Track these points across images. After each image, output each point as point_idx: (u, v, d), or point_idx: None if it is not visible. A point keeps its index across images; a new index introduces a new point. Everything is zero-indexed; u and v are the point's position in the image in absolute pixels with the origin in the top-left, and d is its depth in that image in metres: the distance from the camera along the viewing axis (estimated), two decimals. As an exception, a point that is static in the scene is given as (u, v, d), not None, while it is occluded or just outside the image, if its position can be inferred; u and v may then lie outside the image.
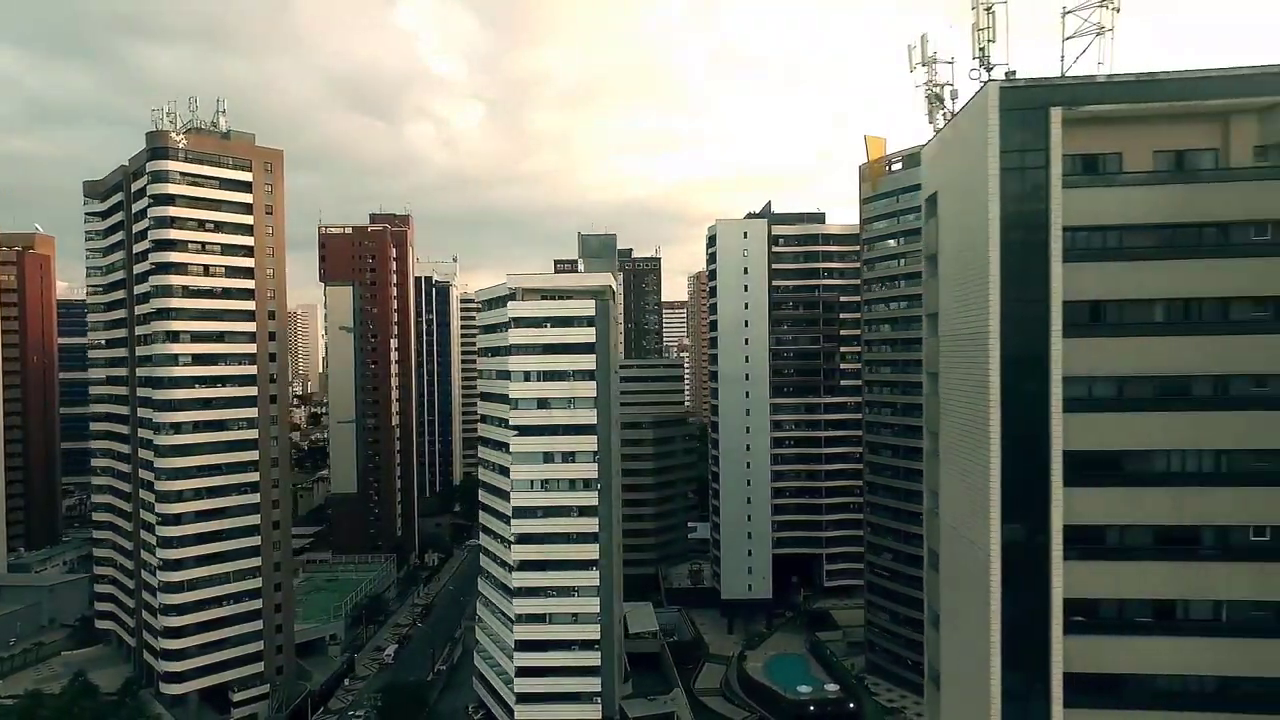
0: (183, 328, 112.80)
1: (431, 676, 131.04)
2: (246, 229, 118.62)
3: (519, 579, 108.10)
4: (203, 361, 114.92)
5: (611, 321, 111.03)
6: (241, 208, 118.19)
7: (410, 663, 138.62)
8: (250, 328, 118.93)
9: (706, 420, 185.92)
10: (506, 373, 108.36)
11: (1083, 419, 40.06)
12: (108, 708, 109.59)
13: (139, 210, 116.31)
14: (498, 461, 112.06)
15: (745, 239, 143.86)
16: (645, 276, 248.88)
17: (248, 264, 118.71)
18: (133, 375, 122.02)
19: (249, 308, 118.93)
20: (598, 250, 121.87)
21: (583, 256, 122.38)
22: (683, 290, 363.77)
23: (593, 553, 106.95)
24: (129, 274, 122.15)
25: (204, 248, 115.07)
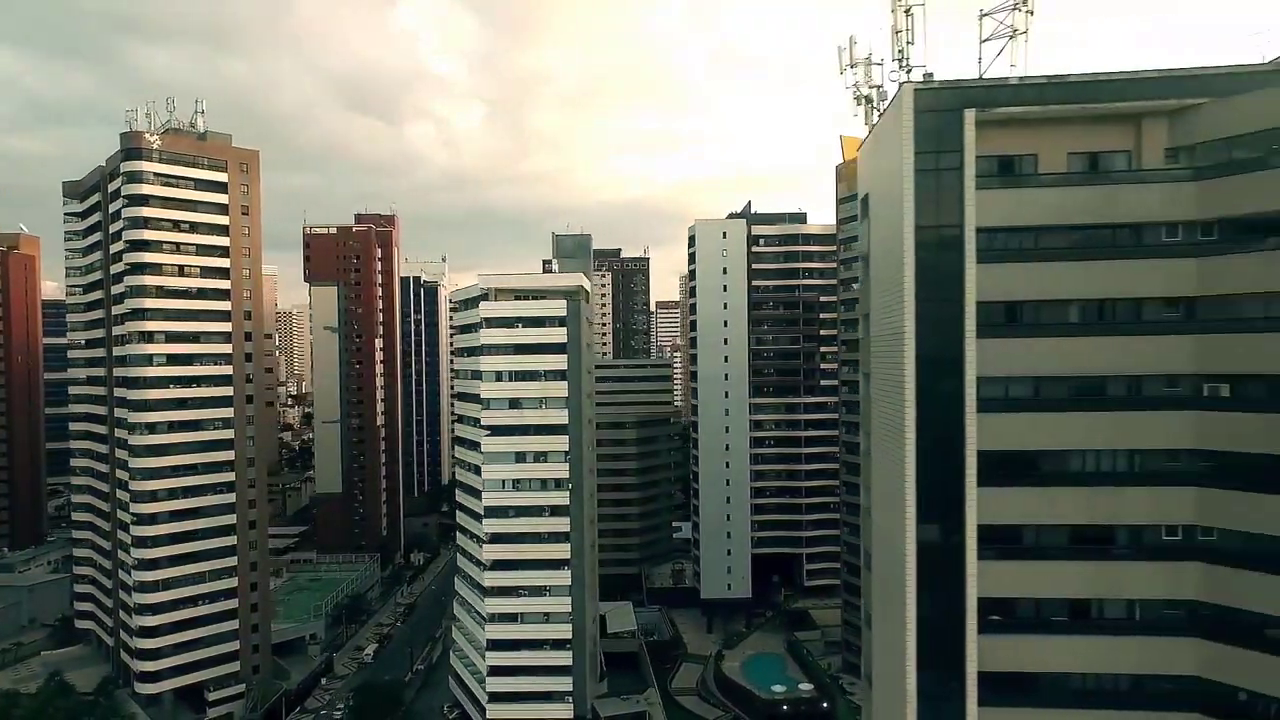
0: (157, 328, 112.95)
1: (410, 676, 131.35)
2: (222, 229, 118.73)
3: (491, 578, 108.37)
4: (178, 362, 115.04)
5: (584, 322, 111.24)
6: (217, 208, 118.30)
7: (390, 662, 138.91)
8: (226, 328, 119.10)
9: (690, 420, 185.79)
10: (479, 373, 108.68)
11: (998, 419, 40.15)
12: (83, 707, 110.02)
13: (115, 211, 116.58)
14: (471, 461, 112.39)
15: (724, 239, 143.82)
16: (634, 276, 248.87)
17: (223, 264, 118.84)
18: (110, 376, 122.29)
19: (225, 308, 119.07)
20: (572, 251, 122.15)
21: (557, 257, 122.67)
22: (679, 291, 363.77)
23: (564, 552, 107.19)
24: (106, 274, 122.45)
25: (178, 248, 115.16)
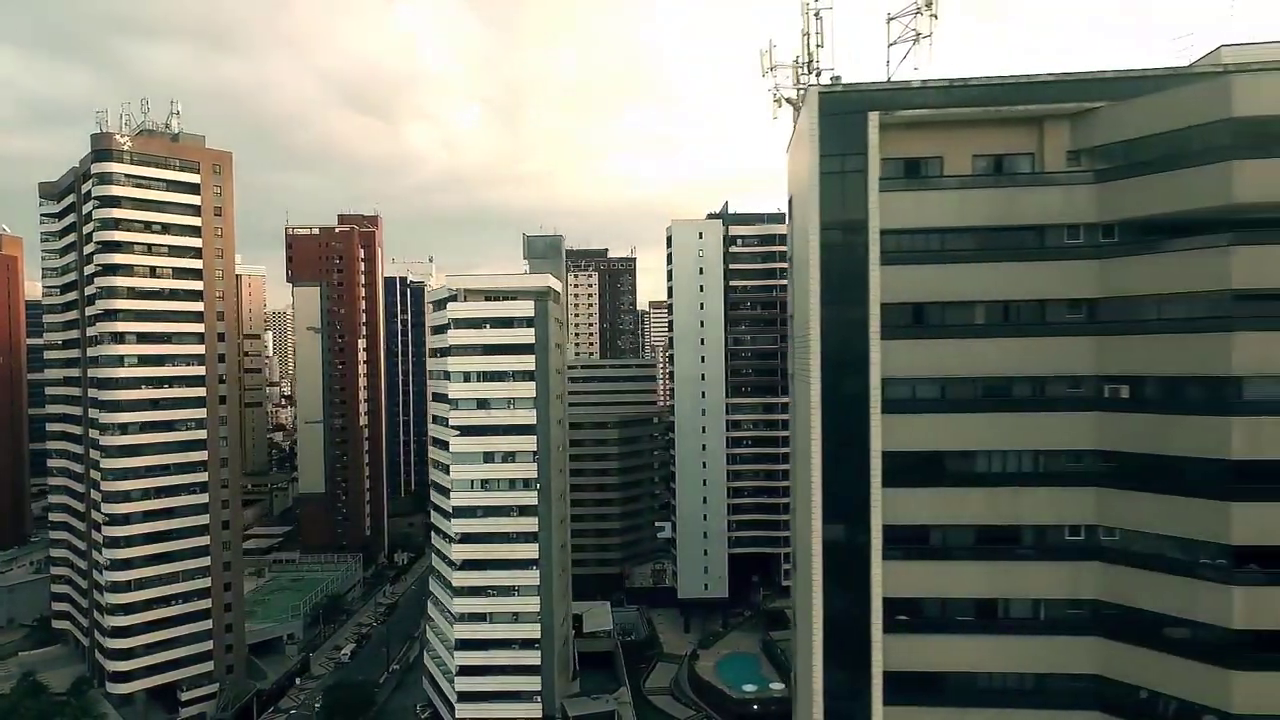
0: (128, 329, 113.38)
1: (385, 675, 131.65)
2: (194, 230, 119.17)
3: (459, 578, 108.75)
4: (150, 362, 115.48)
5: (553, 322, 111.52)
6: (189, 209, 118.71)
7: (368, 662, 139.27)
8: (199, 329, 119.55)
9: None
10: (448, 373, 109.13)
11: (904, 420, 40.34)
12: (54, 707, 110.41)
13: (88, 212, 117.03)
14: (443, 461, 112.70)
15: (700, 240, 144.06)
16: (621, 277, 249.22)
17: (195, 265, 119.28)
18: (85, 376, 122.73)
19: (197, 309, 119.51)
20: (544, 252, 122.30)
21: (529, 258, 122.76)
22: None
23: (532, 552, 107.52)
24: (80, 275, 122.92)
25: (150, 249, 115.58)
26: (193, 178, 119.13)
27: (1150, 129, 37.16)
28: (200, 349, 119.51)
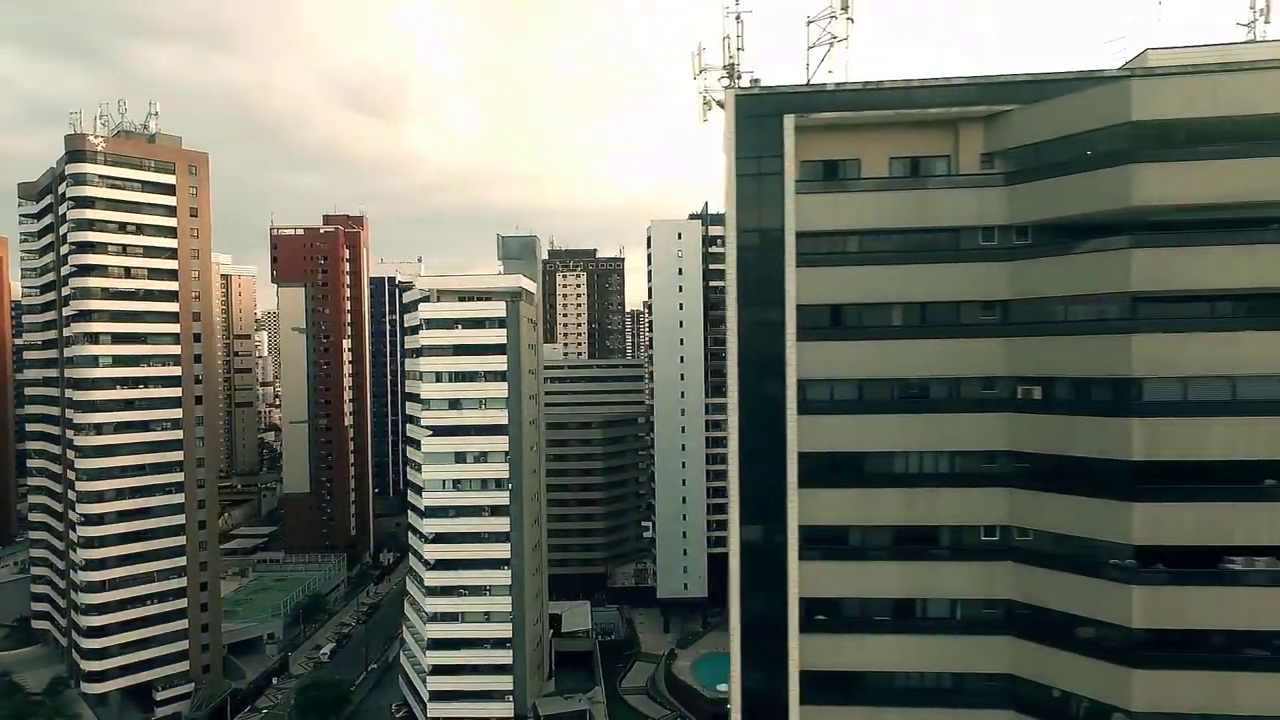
0: (102, 329, 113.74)
1: (363, 675, 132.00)
2: (169, 231, 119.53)
3: (432, 578, 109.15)
4: (125, 363, 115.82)
5: (525, 322, 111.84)
6: (164, 210, 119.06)
7: (347, 661, 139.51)
8: (174, 329, 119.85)
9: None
10: (420, 373, 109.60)
11: (822, 421, 40.49)
12: (30, 707, 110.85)
13: (63, 213, 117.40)
14: (416, 460, 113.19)
15: (680, 240, 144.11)
16: (609, 277, 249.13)
17: (171, 266, 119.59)
18: (62, 376, 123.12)
19: (173, 309, 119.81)
20: (517, 252, 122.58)
21: (503, 258, 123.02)
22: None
23: (504, 552, 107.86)
24: (58, 275, 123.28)
25: (124, 250, 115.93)
26: (168, 178, 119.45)
27: (1056, 132, 37.34)
28: (176, 349, 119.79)
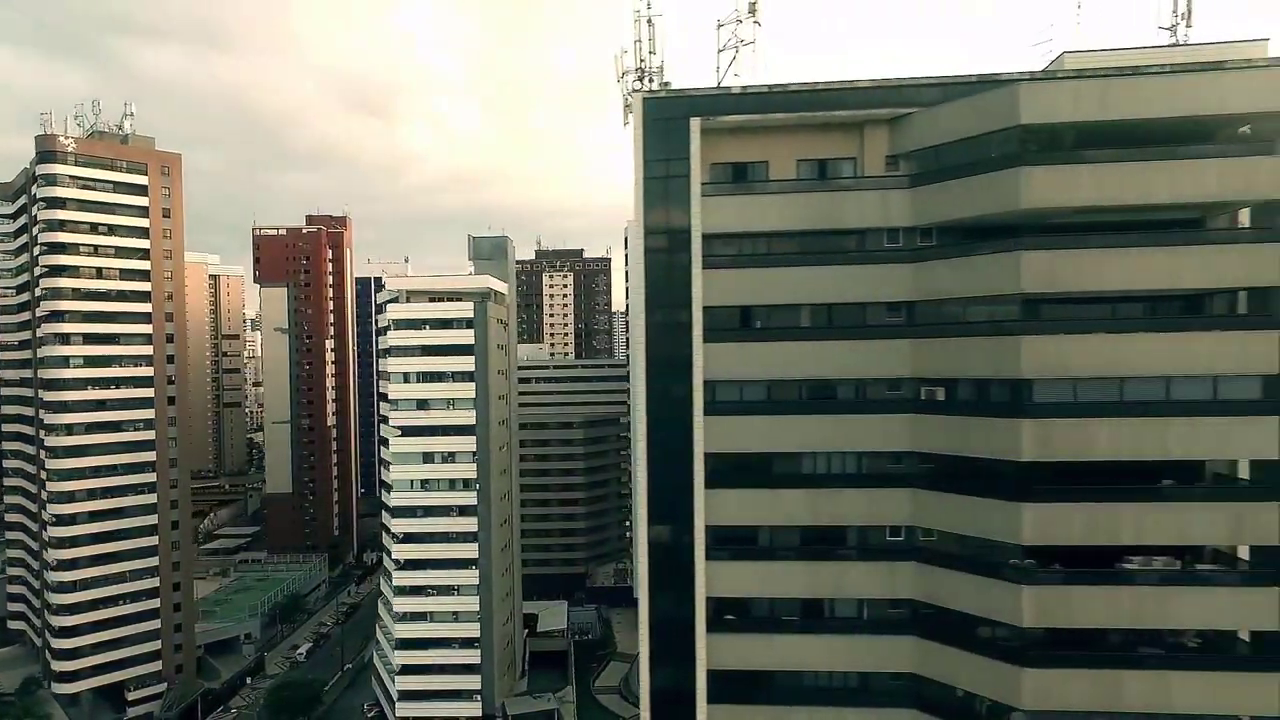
0: (73, 330, 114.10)
1: (339, 675, 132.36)
2: (142, 232, 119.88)
3: (400, 577, 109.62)
4: (97, 363, 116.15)
5: (495, 323, 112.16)
6: (136, 210, 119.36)
7: (324, 661, 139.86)
8: (147, 329, 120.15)
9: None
10: (389, 373, 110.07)
11: (731, 422, 40.60)
12: (0, 707, 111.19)
13: (35, 214, 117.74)
14: (388, 460, 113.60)
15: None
16: (596, 277, 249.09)
17: (143, 266, 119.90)
18: (36, 377, 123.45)
19: (145, 309, 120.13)
20: (489, 253, 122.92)
21: (474, 259, 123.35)
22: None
23: (472, 551, 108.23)
24: (32, 276, 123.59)
25: (96, 250, 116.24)
26: (140, 179, 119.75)
27: (954, 135, 37.51)
28: (148, 349, 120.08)
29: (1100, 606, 36.02)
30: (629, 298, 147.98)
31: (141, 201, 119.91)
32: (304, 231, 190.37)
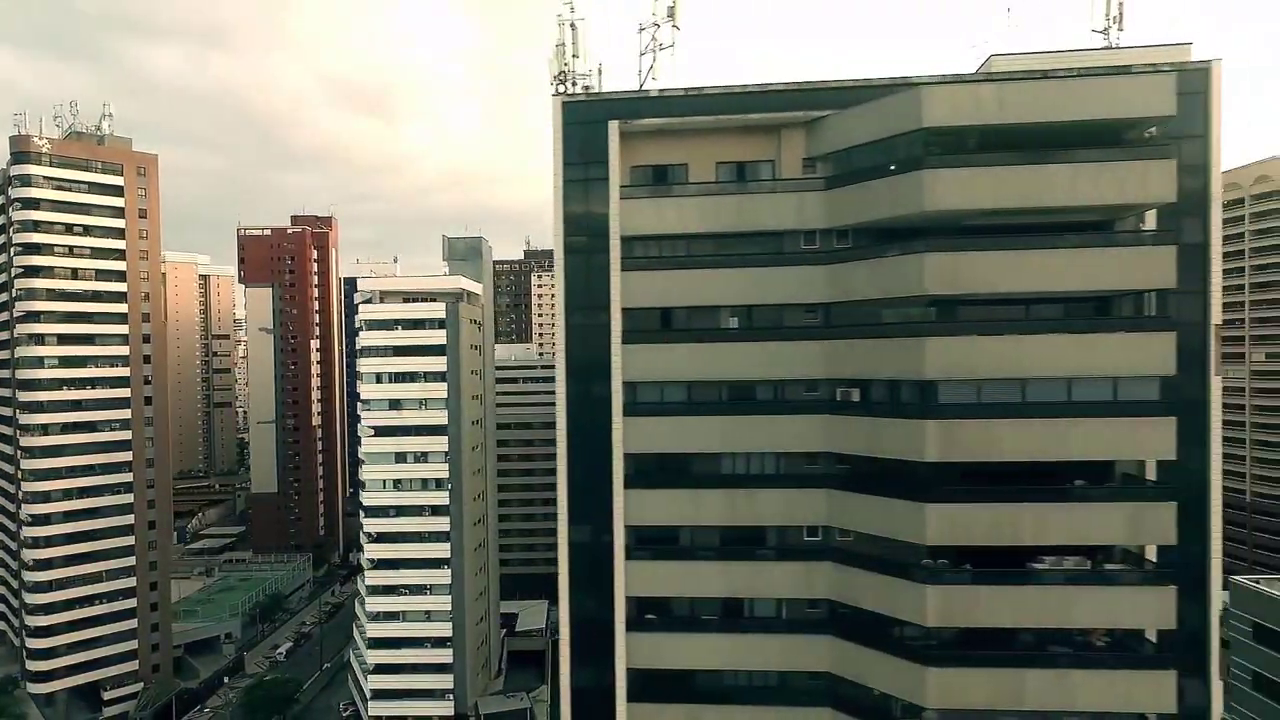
0: (48, 330, 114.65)
1: (319, 674, 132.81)
2: (118, 232, 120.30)
3: (372, 576, 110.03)
4: (73, 364, 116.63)
5: (467, 323, 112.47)
6: (112, 211, 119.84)
7: (304, 661, 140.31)
8: (123, 330, 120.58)
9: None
10: (361, 374, 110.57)
11: (652, 422, 40.77)
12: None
13: (11, 214, 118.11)
14: (363, 459, 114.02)
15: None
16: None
17: (119, 267, 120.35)
18: (13, 377, 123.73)
19: (121, 310, 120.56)
20: (463, 254, 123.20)
21: (448, 259, 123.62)
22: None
23: (444, 551, 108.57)
24: (9, 276, 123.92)
25: (71, 251, 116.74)
26: (115, 179, 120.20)
27: (865, 137, 37.70)
28: (125, 350, 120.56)
29: (1005, 606, 36.24)
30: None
31: (117, 202, 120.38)
32: (288, 232, 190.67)
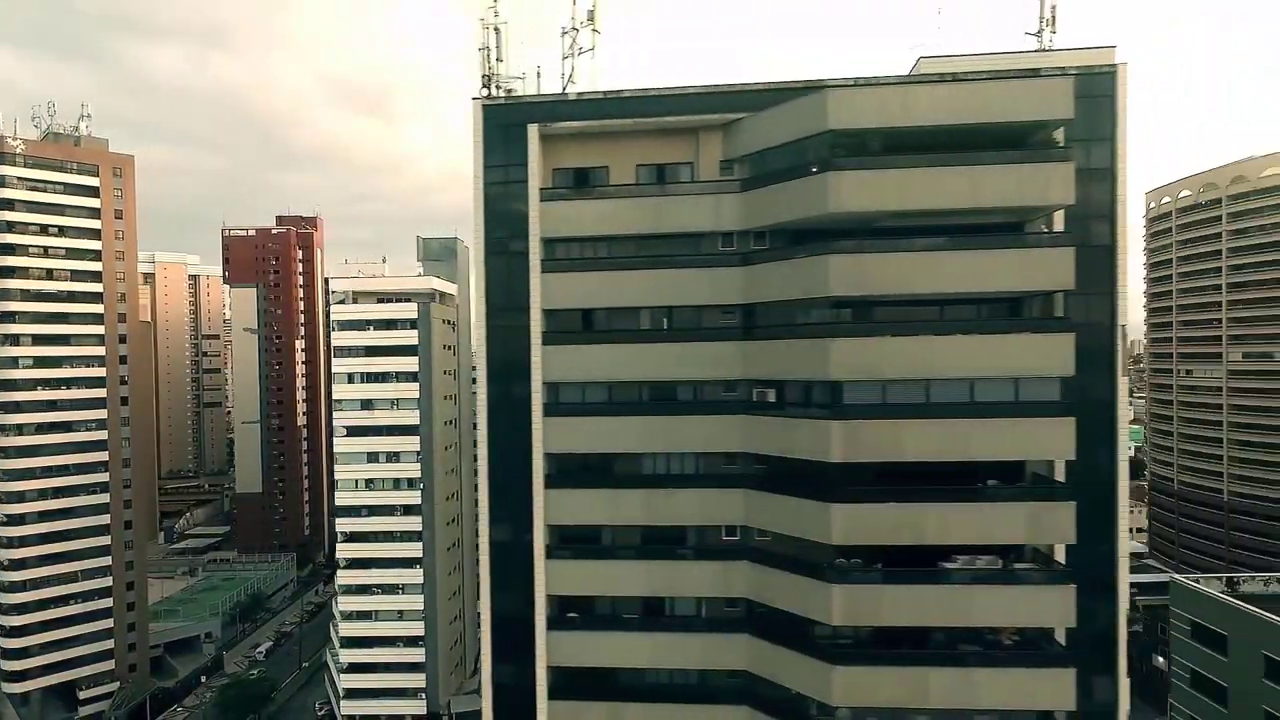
0: (23, 331, 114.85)
1: (297, 673, 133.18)
2: (93, 233, 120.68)
3: (344, 577, 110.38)
4: (48, 364, 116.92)
5: (440, 324, 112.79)
6: (88, 212, 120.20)
7: (284, 660, 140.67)
8: (99, 330, 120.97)
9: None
10: (333, 374, 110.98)
11: (574, 422, 40.97)
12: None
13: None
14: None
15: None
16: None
17: (95, 267, 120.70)
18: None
19: (97, 310, 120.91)
20: (437, 254, 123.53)
21: (423, 260, 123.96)
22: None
23: (416, 550, 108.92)
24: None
25: (46, 252, 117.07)
26: (92, 180, 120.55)
27: (777, 139, 37.84)
28: (100, 350, 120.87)
29: (912, 605, 36.42)
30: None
31: (92, 203, 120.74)
32: (273, 232, 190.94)
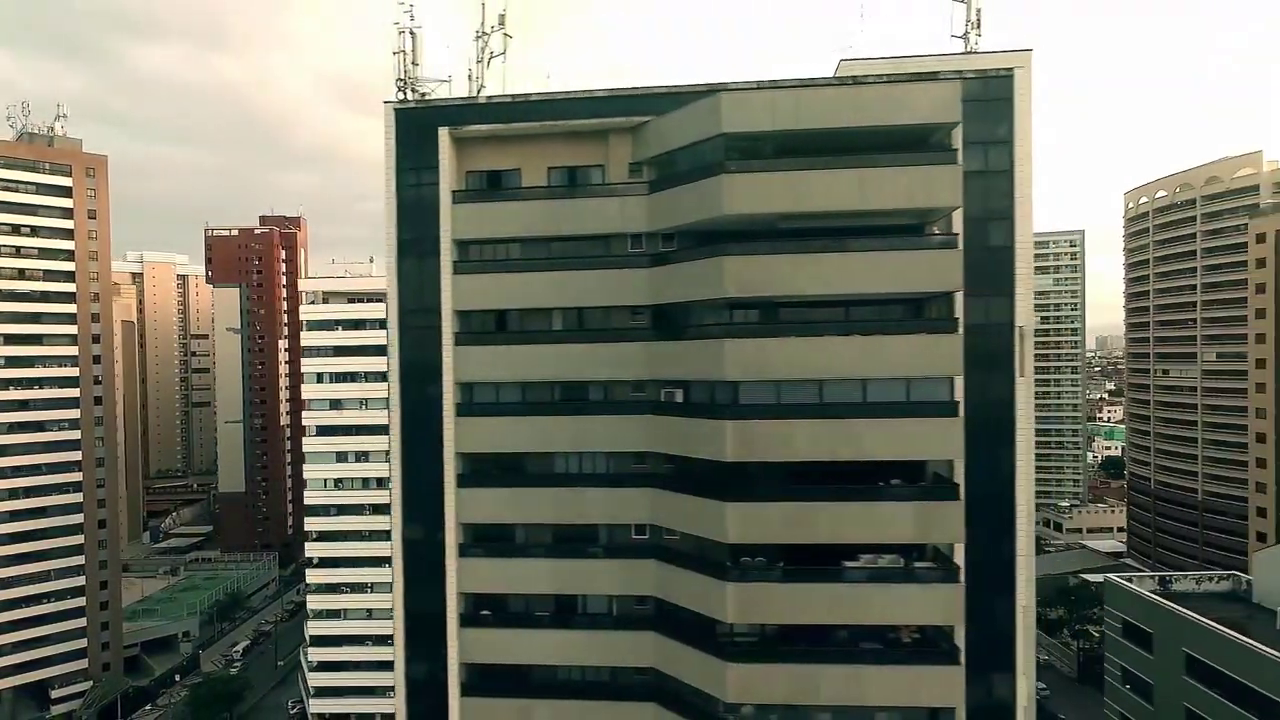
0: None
1: (274, 671, 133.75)
2: (66, 233, 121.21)
3: (313, 576, 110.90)
4: (19, 364, 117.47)
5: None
6: (60, 212, 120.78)
7: (261, 659, 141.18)
8: (71, 330, 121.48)
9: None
10: (303, 374, 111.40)
11: (486, 422, 41.29)
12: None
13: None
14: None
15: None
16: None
17: (67, 267, 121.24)
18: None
19: (70, 310, 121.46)
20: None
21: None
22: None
23: (385, 549, 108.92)
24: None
25: (18, 251, 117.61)
26: (64, 180, 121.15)
27: (677, 143, 38.06)
28: (74, 350, 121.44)
29: (804, 603, 36.72)
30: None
31: (65, 203, 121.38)
32: (256, 232, 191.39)
